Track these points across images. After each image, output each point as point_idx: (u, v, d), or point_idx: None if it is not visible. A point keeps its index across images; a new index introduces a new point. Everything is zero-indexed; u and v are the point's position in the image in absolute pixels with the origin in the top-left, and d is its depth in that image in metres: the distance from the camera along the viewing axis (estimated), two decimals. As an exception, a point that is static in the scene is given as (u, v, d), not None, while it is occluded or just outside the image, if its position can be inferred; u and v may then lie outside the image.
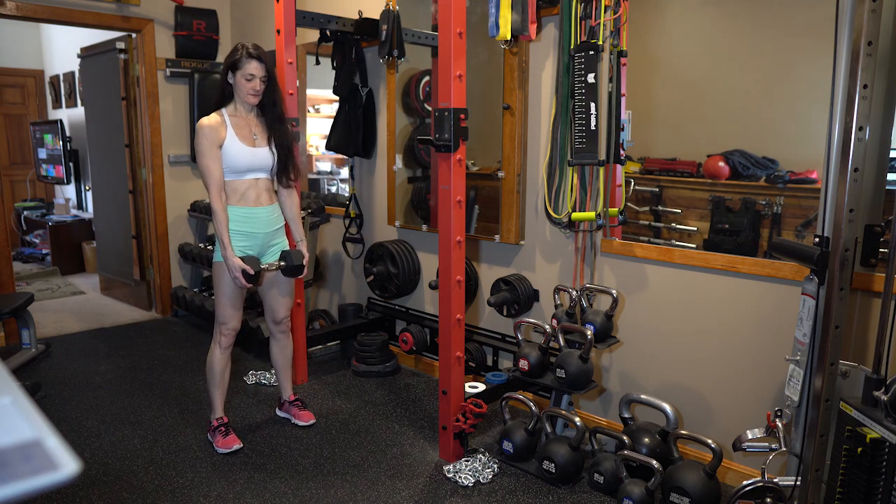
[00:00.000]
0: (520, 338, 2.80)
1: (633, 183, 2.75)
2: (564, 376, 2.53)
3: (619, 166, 2.66)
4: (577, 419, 2.44)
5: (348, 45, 3.60)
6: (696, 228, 2.74)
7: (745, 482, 2.01)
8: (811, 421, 1.78)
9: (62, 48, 6.83)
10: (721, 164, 2.64)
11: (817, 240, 1.75)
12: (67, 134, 6.43)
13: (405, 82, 3.66)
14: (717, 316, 2.49)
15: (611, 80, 2.59)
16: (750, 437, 2.08)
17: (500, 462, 2.62)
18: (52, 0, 4.18)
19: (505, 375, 2.95)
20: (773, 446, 2.01)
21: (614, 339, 2.72)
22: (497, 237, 3.14)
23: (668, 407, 2.44)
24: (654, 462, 2.22)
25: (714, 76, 2.74)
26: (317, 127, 6.17)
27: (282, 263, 2.70)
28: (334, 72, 3.67)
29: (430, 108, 3.61)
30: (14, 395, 0.54)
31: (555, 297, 2.82)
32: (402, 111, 3.67)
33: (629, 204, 2.77)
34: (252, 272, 2.55)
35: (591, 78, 2.58)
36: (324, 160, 6.35)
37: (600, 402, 2.92)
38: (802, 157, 2.49)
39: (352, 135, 3.77)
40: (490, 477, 2.52)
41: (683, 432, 2.33)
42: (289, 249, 2.73)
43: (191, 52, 4.73)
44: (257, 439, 2.87)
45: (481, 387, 2.87)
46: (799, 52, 2.47)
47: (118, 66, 4.69)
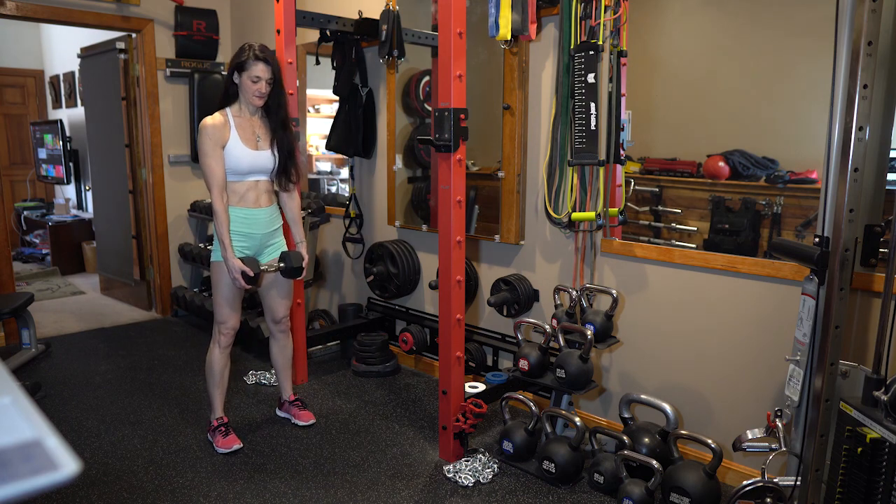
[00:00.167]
0: (520, 338, 2.80)
1: (633, 183, 2.75)
2: (564, 376, 2.53)
3: (619, 166, 2.66)
4: (577, 419, 2.44)
5: (348, 45, 3.60)
6: (696, 228, 2.74)
7: (745, 482, 2.02)
8: (811, 421, 1.78)
9: (62, 48, 6.83)
10: (721, 164, 2.64)
11: (817, 240, 1.75)
12: (67, 134, 6.43)
13: (405, 82, 3.66)
14: (717, 316, 2.49)
15: (611, 80, 2.59)
16: (750, 437, 2.08)
17: (500, 462, 2.62)
18: (52, 0, 4.18)
19: (505, 375, 2.95)
20: (773, 446, 2.01)
21: (614, 339, 2.72)
22: (497, 237, 3.14)
23: (668, 407, 2.44)
24: (654, 462, 2.22)
25: (714, 76, 2.74)
26: (317, 127, 6.17)
27: (281, 265, 2.70)
28: (334, 72, 3.67)
29: (430, 108, 3.61)
30: (14, 395, 0.54)
31: (555, 297, 2.82)
32: (402, 111, 3.67)
33: (629, 204, 2.77)
34: (252, 274, 2.55)
35: (591, 78, 2.58)
36: (324, 160, 6.35)
37: (600, 402, 2.92)
38: (802, 157, 2.48)
39: (352, 135, 3.77)
40: (490, 477, 2.52)
41: (683, 432, 2.33)
42: (288, 251, 2.73)
43: (191, 52, 4.73)
44: (257, 439, 2.87)
45: (481, 387, 2.87)
46: (799, 52, 2.47)
47: (118, 66, 4.69)
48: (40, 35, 7.45)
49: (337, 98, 3.76)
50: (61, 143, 6.30)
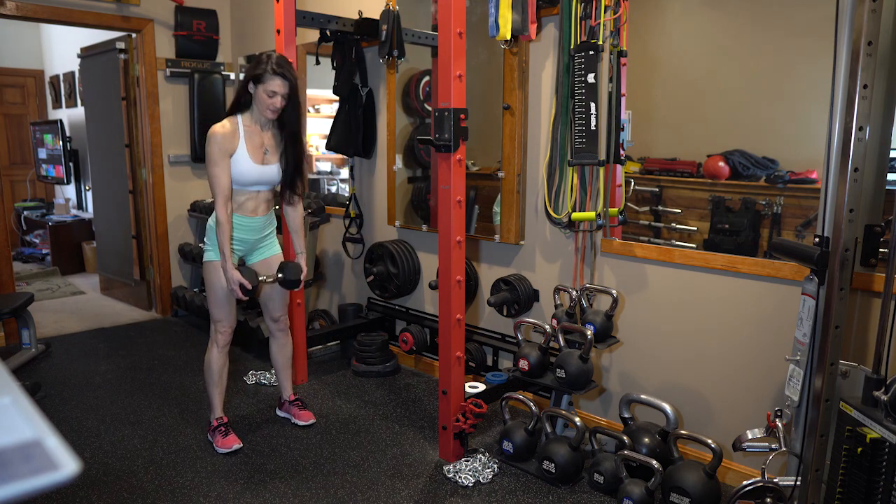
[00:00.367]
0: (520, 338, 2.80)
1: (633, 183, 2.75)
2: (564, 376, 2.53)
3: (619, 166, 2.66)
4: (577, 419, 2.44)
5: (348, 45, 3.60)
6: (696, 228, 2.74)
7: (745, 482, 2.01)
8: (811, 421, 1.78)
9: (62, 48, 6.83)
10: (721, 164, 2.64)
11: (817, 240, 1.75)
12: (67, 134, 6.43)
13: (405, 82, 3.66)
14: (717, 316, 2.49)
15: (611, 80, 2.59)
16: (750, 437, 2.08)
17: (500, 462, 2.62)
18: (52, 0, 4.19)
19: (505, 375, 2.95)
20: (773, 446, 2.01)
21: (614, 339, 2.72)
22: (497, 237, 3.14)
23: (668, 407, 2.44)
24: (654, 462, 2.22)
25: (714, 76, 2.74)
26: (317, 127, 6.17)
27: (280, 276, 2.69)
28: (334, 72, 3.67)
29: (430, 108, 3.61)
30: (14, 395, 0.54)
31: (555, 297, 2.82)
32: (402, 111, 3.67)
33: (629, 204, 2.77)
34: (250, 286, 2.54)
35: (591, 78, 2.58)
36: (324, 160, 6.35)
37: (600, 402, 2.92)
38: (802, 157, 2.48)
39: (352, 135, 3.77)
40: (490, 477, 2.52)
41: (683, 432, 2.33)
42: (287, 262, 2.71)
43: (191, 52, 4.73)
44: (257, 439, 2.87)
45: (481, 387, 2.87)
46: (799, 52, 2.47)
47: (118, 66, 4.69)
48: (40, 35, 7.45)
49: (337, 98, 3.76)
50: (61, 143, 6.30)
